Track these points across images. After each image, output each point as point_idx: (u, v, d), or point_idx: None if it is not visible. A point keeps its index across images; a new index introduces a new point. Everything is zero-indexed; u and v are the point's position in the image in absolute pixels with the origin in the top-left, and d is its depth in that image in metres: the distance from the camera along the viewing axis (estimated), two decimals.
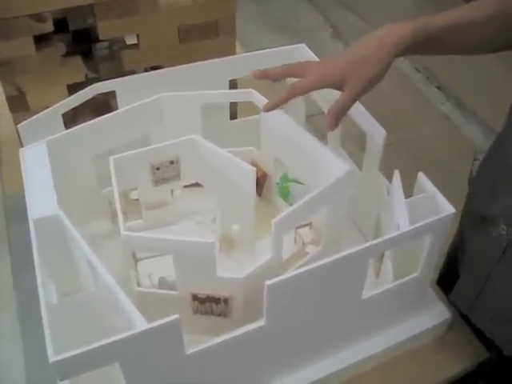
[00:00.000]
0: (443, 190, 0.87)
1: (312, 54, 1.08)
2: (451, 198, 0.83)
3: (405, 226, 0.77)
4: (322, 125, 1.07)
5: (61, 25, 1.06)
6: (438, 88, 3.04)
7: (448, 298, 0.96)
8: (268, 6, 3.76)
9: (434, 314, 0.94)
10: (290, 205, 1.02)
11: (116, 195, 0.83)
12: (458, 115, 2.88)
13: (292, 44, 1.10)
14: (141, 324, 0.64)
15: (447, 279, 0.99)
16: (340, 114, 0.80)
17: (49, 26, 1.03)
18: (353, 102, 0.81)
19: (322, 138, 1.10)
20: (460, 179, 0.96)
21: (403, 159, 2.54)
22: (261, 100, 0.98)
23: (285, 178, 1.09)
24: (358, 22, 3.57)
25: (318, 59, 1.06)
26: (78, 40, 1.11)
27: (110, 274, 0.70)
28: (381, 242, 0.75)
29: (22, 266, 0.97)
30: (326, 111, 0.82)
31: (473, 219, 0.90)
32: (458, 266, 0.97)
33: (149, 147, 0.91)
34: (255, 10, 3.68)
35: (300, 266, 0.88)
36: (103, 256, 0.73)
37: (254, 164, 1.05)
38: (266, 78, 0.86)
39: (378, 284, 0.93)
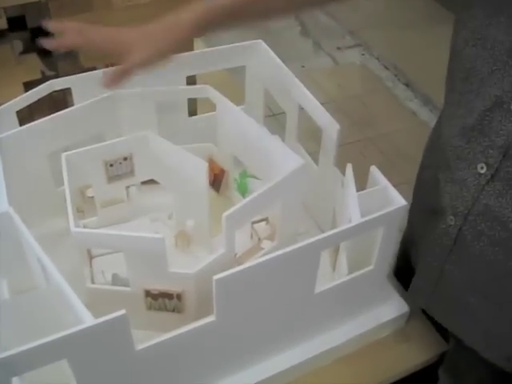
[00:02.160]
0: (411, 184, 0.88)
1: (270, 50, 1.08)
2: None
3: (356, 218, 0.78)
4: (282, 123, 1.07)
5: (17, 22, 1.05)
6: (406, 85, 3.06)
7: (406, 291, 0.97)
8: None
9: (393, 307, 0.95)
10: None
11: (67, 191, 0.82)
12: (426, 112, 2.90)
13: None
14: (88, 319, 0.64)
15: (402, 272, 0.99)
16: (117, 76, 0.83)
17: (2, 23, 1.02)
18: (135, 67, 0.83)
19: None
20: None
21: (372, 156, 2.55)
22: (216, 96, 0.98)
23: (243, 175, 1.09)
24: (328, 20, 3.58)
25: (275, 57, 1.06)
26: (36, 37, 1.10)
27: (59, 272, 0.69)
28: (332, 234, 0.75)
29: None
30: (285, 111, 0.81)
31: (421, 212, 0.90)
32: (412, 261, 0.97)
33: (101, 143, 0.90)
34: None
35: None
36: (59, 254, 0.73)
37: (211, 161, 1.05)
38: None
39: (334, 277, 0.93)
